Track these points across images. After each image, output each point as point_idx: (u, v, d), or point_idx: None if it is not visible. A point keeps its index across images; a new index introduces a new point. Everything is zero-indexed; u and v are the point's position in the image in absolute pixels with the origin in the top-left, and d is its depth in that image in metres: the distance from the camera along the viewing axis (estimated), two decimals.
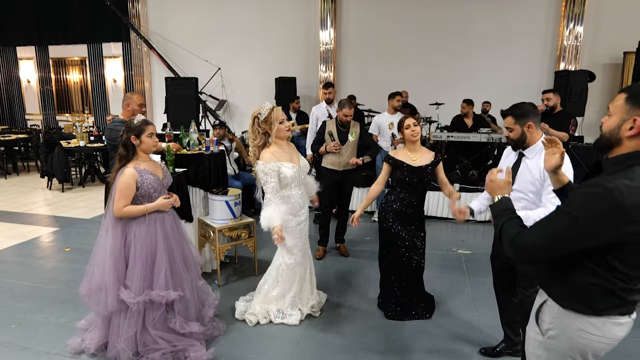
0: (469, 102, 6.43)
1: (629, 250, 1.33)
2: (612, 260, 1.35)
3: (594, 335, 1.43)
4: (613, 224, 1.28)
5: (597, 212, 1.28)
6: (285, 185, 3.03)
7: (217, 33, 9.23)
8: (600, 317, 1.42)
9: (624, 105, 1.36)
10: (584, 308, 1.42)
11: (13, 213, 6.10)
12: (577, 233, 1.32)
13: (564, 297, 1.47)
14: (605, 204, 1.27)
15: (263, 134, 3.01)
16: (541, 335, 1.54)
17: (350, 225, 3.41)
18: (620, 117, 1.36)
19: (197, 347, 2.73)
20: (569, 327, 1.46)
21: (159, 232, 2.68)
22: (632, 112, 1.34)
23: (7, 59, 11.37)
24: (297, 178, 3.04)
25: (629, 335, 1.49)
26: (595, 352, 1.47)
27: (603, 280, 1.38)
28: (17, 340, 2.96)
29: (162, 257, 2.66)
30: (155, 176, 2.69)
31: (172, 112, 6.85)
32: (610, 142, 1.39)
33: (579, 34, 7.45)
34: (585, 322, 1.43)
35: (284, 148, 3.05)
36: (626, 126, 1.34)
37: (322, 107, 5.45)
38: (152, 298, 2.60)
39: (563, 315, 1.47)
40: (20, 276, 4.00)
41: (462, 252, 4.76)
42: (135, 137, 2.62)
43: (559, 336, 1.49)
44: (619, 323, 1.44)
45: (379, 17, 8.46)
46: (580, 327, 1.44)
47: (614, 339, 1.45)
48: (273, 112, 2.96)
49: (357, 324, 3.24)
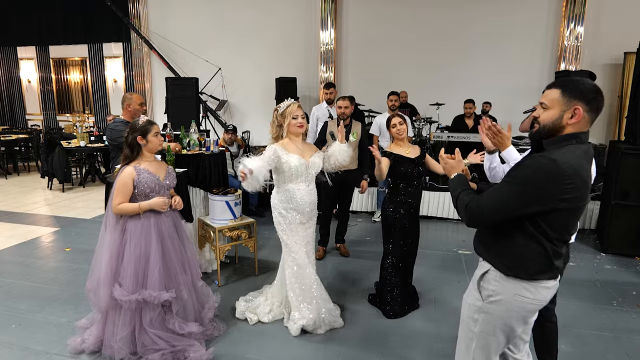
0: (473, 102, 6.43)
1: (561, 216, 1.56)
2: (545, 226, 1.57)
3: (527, 298, 1.66)
4: (555, 190, 1.50)
5: (540, 180, 1.50)
6: (290, 177, 2.99)
7: (218, 33, 9.23)
8: (533, 282, 1.65)
9: (560, 99, 1.58)
10: (521, 273, 1.64)
11: (13, 213, 6.10)
12: (523, 199, 1.54)
13: (505, 264, 1.68)
14: (551, 173, 1.49)
15: (278, 125, 3.03)
16: (481, 301, 1.75)
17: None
18: (560, 109, 1.58)
19: (196, 347, 2.73)
20: (509, 292, 1.67)
21: (153, 233, 2.68)
22: (570, 104, 1.56)
23: (7, 59, 11.37)
24: (303, 172, 2.99)
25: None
26: (526, 314, 1.70)
27: (538, 244, 1.60)
28: (16, 340, 2.96)
29: (155, 258, 2.66)
30: (154, 176, 2.70)
31: (173, 112, 6.83)
32: (552, 131, 1.61)
33: (579, 34, 7.44)
34: (521, 288, 1.66)
35: (297, 144, 3.04)
36: (567, 115, 1.57)
37: (323, 107, 5.45)
38: (145, 297, 2.60)
39: (504, 281, 1.68)
40: (20, 276, 4.00)
41: (462, 253, 4.75)
42: (142, 137, 2.67)
43: (499, 301, 1.70)
44: (547, 287, 1.67)
45: (379, 18, 8.46)
46: (516, 292, 1.66)
47: (542, 301, 1.69)
48: (289, 106, 2.99)
49: (357, 323, 3.24)
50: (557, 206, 1.52)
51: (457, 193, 1.77)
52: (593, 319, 3.36)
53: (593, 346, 2.98)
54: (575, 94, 1.56)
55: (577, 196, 1.53)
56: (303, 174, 3.00)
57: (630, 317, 3.40)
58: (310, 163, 3.05)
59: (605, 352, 2.92)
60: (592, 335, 3.11)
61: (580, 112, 1.55)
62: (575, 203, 1.55)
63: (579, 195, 1.53)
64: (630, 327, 3.24)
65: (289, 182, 3.01)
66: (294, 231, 3.10)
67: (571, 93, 1.57)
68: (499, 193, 1.60)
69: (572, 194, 1.51)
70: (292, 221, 3.07)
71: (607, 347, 2.98)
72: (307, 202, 3.06)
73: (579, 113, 1.55)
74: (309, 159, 3.05)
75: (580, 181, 1.52)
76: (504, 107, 7.34)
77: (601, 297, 3.72)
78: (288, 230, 3.10)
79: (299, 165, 2.96)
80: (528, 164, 1.56)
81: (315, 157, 3.10)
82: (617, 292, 3.81)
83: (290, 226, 3.09)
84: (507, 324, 1.72)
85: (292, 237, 3.11)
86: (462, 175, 1.85)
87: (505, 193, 1.58)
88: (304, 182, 3.04)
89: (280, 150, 2.94)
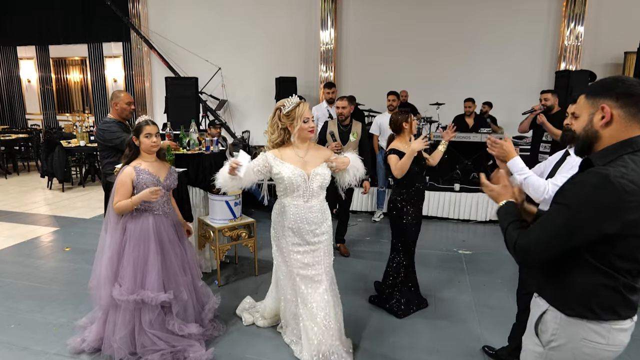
0: (473, 101, 6.43)
1: (629, 243, 1.28)
2: (612, 256, 1.30)
3: (599, 344, 1.37)
4: (615, 212, 1.23)
5: (598, 202, 1.24)
6: (285, 190, 2.60)
7: (218, 33, 9.22)
8: (605, 324, 1.36)
9: (585, 103, 1.40)
10: (587, 313, 1.36)
11: (13, 213, 6.10)
12: (574, 226, 1.28)
13: (566, 302, 1.41)
14: (607, 192, 1.23)
15: (282, 129, 2.57)
16: (541, 347, 1.48)
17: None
18: (588, 113, 1.39)
19: (196, 348, 2.73)
20: (574, 336, 1.39)
21: (151, 234, 2.68)
22: (596, 104, 1.36)
23: (7, 58, 11.37)
24: (300, 185, 2.55)
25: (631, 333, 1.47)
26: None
27: (605, 277, 1.32)
28: (16, 340, 2.95)
29: (154, 259, 2.66)
30: (153, 177, 2.69)
31: (172, 111, 6.83)
32: (588, 139, 1.40)
33: (579, 34, 7.43)
34: (589, 331, 1.37)
35: (299, 151, 2.59)
36: (597, 118, 1.36)
37: (323, 107, 5.45)
38: (143, 298, 2.60)
39: (567, 323, 1.40)
40: (19, 276, 3.99)
41: (462, 253, 4.75)
42: (136, 137, 2.69)
43: (562, 347, 1.42)
44: (623, 329, 1.38)
45: (379, 17, 8.45)
46: (584, 336, 1.38)
47: (619, 346, 1.39)
48: (299, 107, 2.52)
49: (358, 323, 3.23)
50: (621, 232, 1.25)
51: (505, 226, 1.48)
52: None
53: None
54: (598, 92, 1.37)
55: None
56: (300, 187, 2.56)
57: None
58: (311, 175, 2.58)
59: None
60: None
61: (608, 110, 1.32)
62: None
63: None
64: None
65: (285, 196, 2.63)
66: (286, 254, 2.70)
67: (594, 92, 1.38)
68: (549, 223, 1.34)
69: (637, 214, 1.23)
70: (284, 243, 2.68)
71: None
72: (304, 221, 2.61)
73: (607, 111, 1.32)
74: (313, 169, 2.59)
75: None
76: (504, 107, 7.33)
77: None
78: (278, 253, 2.76)
79: (294, 177, 2.52)
80: (576, 181, 1.32)
81: (323, 168, 2.64)
82: None
83: (282, 248, 2.71)
84: None
85: (283, 263, 2.74)
86: (510, 204, 1.55)
87: (557, 222, 1.32)
88: (301, 197, 2.59)
89: (273, 160, 2.55)
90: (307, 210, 2.60)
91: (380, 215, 5.94)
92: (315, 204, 2.63)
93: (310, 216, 2.61)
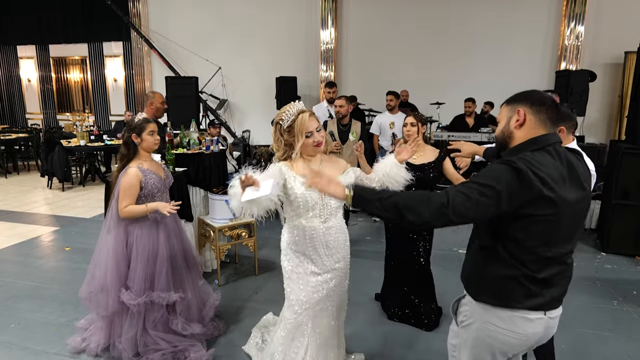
0: (473, 101, 6.42)
1: (526, 230, 1.42)
2: (512, 245, 1.45)
3: (500, 328, 1.51)
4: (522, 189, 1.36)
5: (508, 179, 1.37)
6: (298, 209, 2.17)
7: (218, 32, 9.22)
8: (507, 310, 1.49)
9: (505, 109, 1.58)
10: (492, 300, 1.51)
11: (13, 212, 6.10)
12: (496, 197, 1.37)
13: (477, 290, 1.57)
14: (513, 172, 1.37)
15: (286, 145, 2.17)
16: (456, 325, 1.69)
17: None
18: (507, 117, 1.57)
19: (197, 348, 2.73)
20: (479, 319, 1.56)
21: (160, 233, 2.66)
22: (513, 109, 1.55)
23: (7, 58, 11.37)
24: (316, 203, 2.15)
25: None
26: (503, 346, 1.53)
27: (508, 267, 1.47)
28: (16, 340, 2.96)
29: (163, 258, 2.65)
30: (158, 176, 2.69)
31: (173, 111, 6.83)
32: (504, 139, 1.57)
33: (580, 34, 7.43)
34: (492, 315, 1.52)
35: (313, 165, 2.17)
36: (513, 120, 1.54)
37: (323, 106, 5.45)
38: (152, 299, 2.59)
39: (475, 307, 1.57)
40: (20, 275, 4.00)
41: (462, 252, 4.75)
42: (137, 136, 2.63)
43: (470, 326, 1.60)
44: (528, 318, 1.49)
45: (379, 17, 8.45)
46: (487, 319, 1.53)
47: (522, 335, 1.50)
48: (298, 119, 2.10)
49: (358, 323, 3.23)
50: (522, 212, 1.38)
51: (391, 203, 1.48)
52: (593, 318, 3.35)
53: (593, 346, 2.97)
54: (516, 99, 1.56)
55: (542, 202, 1.37)
56: (317, 206, 2.16)
57: (631, 316, 3.39)
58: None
59: (606, 352, 2.91)
60: (592, 335, 3.11)
61: (522, 113, 1.51)
62: (543, 210, 1.38)
63: (546, 201, 1.37)
64: (631, 326, 3.24)
65: (298, 217, 2.19)
66: (297, 282, 2.26)
67: (513, 100, 1.57)
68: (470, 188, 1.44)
69: (533, 196, 1.36)
70: (300, 270, 2.26)
71: (608, 346, 2.97)
72: (322, 245, 2.22)
73: (522, 113, 1.51)
74: None
75: (541, 183, 1.36)
76: None
77: (601, 297, 3.72)
78: (290, 278, 2.29)
79: (308, 194, 2.11)
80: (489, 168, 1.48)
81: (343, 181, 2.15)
82: (618, 292, 3.81)
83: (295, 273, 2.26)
84: (476, 355, 1.59)
85: (295, 290, 2.26)
86: (360, 187, 1.61)
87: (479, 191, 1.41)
88: (317, 217, 2.18)
89: (287, 171, 2.14)
90: (326, 232, 2.21)
91: None
92: (334, 224, 2.24)
93: (330, 240, 2.23)
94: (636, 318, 3.37)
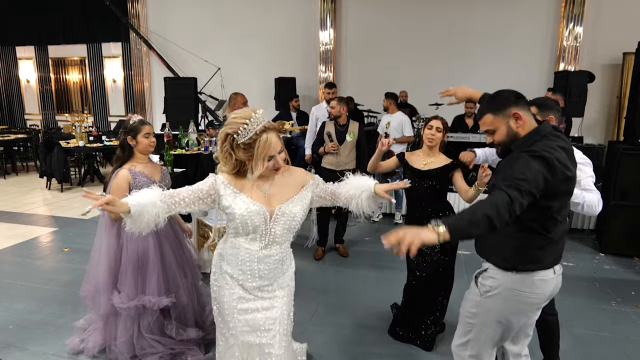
0: (473, 101, 6.42)
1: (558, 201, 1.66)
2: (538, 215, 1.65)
3: (523, 292, 1.73)
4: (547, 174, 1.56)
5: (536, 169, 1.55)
6: (237, 228, 1.82)
7: (217, 33, 9.22)
8: (530, 274, 1.72)
9: (496, 118, 1.73)
10: (520, 266, 1.71)
11: (12, 213, 6.09)
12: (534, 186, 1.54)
13: (505, 259, 1.74)
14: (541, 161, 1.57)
15: (236, 160, 1.78)
16: (479, 296, 1.82)
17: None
18: (504, 124, 1.72)
19: (194, 352, 2.71)
20: (505, 286, 1.74)
21: (150, 237, 2.59)
22: (506, 114, 1.71)
23: (6, 58, 11.36)
24: (259, 226, 1.79)
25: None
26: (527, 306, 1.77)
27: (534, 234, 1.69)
28: (14, 341, 2.95)
29: (154, 262, 2.62)
30: (149, 179, 2.63)
31: (171, 112, 6.84)
32: (511, 141, 1.73)
33: (578, 35, 7.44)
34: (518, 282, 1.72)
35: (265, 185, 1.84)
36: (513, 123, 1.71)
37: (323, 107, 5.44)
38: (144, 303, 2.56)
39: (502, 276, 1.75)
40: (18, 276, 3.99)
41: (461, 253, 4.74)
42: (132, 138, 2.60)
43: (496, 295, 1.77)
44: (544, 280, 1.74)
45: (378, 17, 8.45)
46: (513, 286, 1.73)
47: (541, 294, 1.75)
48: (261, 139, 1.70)
49: (357, 322, 3.23)
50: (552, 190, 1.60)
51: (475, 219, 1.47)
52: (592, 319, 3.36)
53: (592, 347, 2.98)
54: (501, 105, 1.72)
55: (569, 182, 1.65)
56: (258, 229, 1.80)
57: (630, 317, 3.40)
58: (276, 213, 1.81)
59: (605, 353, 2.91)
60: (591, 336, 3.11)
61: (519, 114, 1.69)
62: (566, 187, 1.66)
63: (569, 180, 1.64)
64: (630, 327, 3.24)
65: (237, 236, 1.86)
66: (227, 310, 1.88)
67: (498, 107, 1.73)
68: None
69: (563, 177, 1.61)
70: (226, 296, 1.88)
71: (607, 347, 2.98)
72: (254, 273, 1.85)
73: (520, 115, 1.69)
74: (279, 205, 1.82)
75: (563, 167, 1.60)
76: None
77: (600, 297, 3.72)
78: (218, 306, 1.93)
79: (249, 216, 1.77)
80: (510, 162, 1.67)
81: (294, 204, 1.85)
82: (616, 292, 3.81)
83: (222, 303, 1.90)
84: (504, 318, 1.79)
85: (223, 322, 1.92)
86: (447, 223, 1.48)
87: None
88: (257, 241, 1.83)
89: (224, 187, 1.81)
90: (261, 260, 1.84)
91: (379, 216, 5.94)
92: (275, 252, 1.86)
93: (264, 269, 1.85)
94: (635, 319, 3.37)
